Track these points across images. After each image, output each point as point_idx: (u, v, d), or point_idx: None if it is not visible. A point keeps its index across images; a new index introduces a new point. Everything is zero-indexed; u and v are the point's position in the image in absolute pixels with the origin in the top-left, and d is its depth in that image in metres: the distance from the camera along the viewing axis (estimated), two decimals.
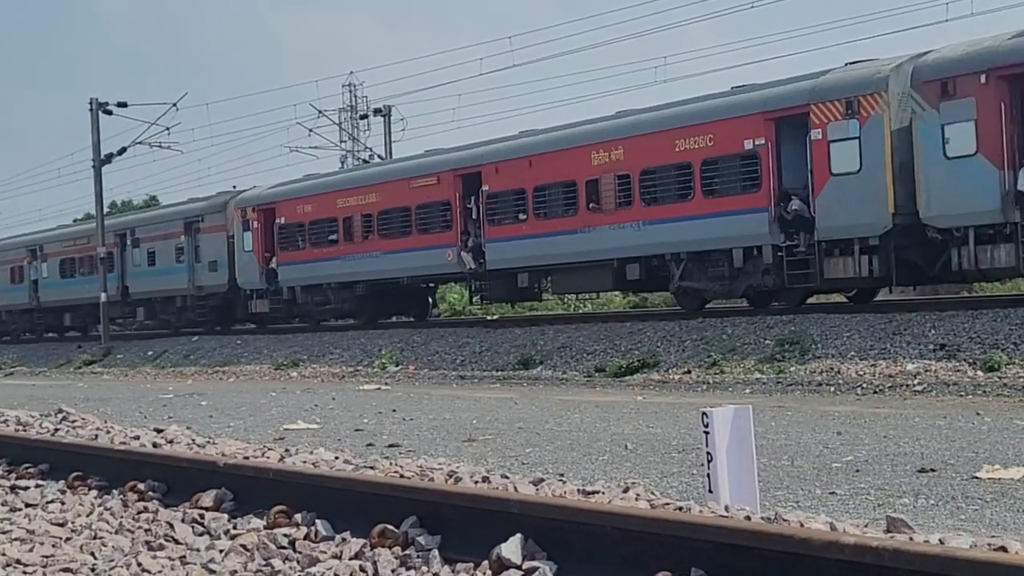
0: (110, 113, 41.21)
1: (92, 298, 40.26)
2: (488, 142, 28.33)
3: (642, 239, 23.64)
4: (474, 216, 27.68)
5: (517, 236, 26.25)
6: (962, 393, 15.80)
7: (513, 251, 26.36)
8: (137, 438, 9.87)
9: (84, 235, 43.58)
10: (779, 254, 21.18)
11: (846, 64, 21.42)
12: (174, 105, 40.68)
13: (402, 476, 6.97)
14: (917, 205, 19.38)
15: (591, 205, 24.47)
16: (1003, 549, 4.33)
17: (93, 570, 5.51)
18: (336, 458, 8.14)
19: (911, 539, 4.57)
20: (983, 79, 18.55)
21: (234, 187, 38.35)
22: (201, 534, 6.13)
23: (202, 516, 6.38)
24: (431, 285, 33.14)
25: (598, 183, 24.41)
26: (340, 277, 31.61)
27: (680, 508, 5.56)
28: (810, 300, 23.06)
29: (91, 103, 41.22)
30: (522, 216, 26.31)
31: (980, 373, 16.56)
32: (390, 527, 5.44)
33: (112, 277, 40.07)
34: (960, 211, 18.86)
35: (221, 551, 5.67)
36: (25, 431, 11.04)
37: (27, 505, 7.27)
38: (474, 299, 30.79)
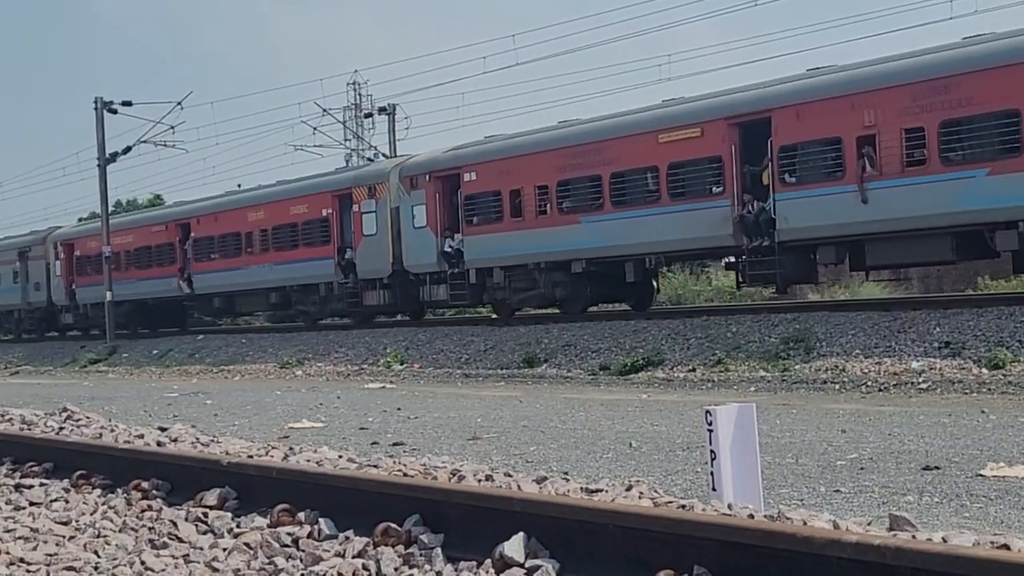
0: (115, 112, 41.23)
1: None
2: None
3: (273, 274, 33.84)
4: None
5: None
6: (967, 391, 15.78)
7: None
8: (141, 437, 9.89)
9: None
10: (342, 286, 31.63)
11: (381, 158, 30.82)
12: (179, 104, 40.78)
13: (405, 475, 6.97)
14: (403, 258, 29.42)
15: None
16: (1006, 547, 4.32)
17: (97, 568, 5.51)
18: (340, 457, 8.15)
19: (914, 537, 4.56)
20: (428, 178, 28.87)
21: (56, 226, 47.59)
22: (205, 533, 6.14)
23: (206, 515, 6.39)
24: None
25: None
26: (119, 297, 39.91)
27: (683, 506, 5.56)
28: (811, 298, 23.30)
29: (96, 102, 41.24)
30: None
31: (985, 371, 16.54)
32: (393, 525, 5.45)
33: None
34: (421, 263, 29.08)
35: (224, 550, 5.67)
36: (30, 430, 11.07)
37: (31, 504, 7.28)
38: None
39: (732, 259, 24.39)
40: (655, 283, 27.90)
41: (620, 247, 24.17)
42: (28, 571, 5.53)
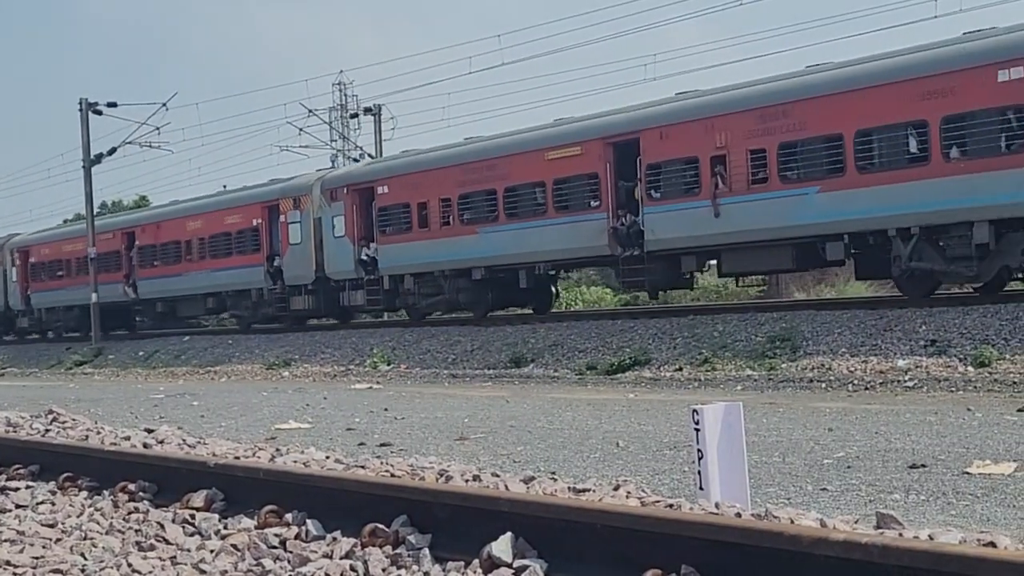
0: (100, 113, 41.16)
1: None
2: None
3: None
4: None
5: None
6: (953, 389, 15.83)
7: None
8: (128, 439, 9.86)
9: None
10: (271, 291, 33.50)
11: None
12: (164, 105, 40.77)
13: (393, 475, 6.97)
14: (325, 266, 31.30)
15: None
16: (992, 544, 4.34)
17: (83, 571, 5.49)
18: (327, 457, 8.14)
19: (901, 535, 4.58)
20: (346, 191, 30.81)
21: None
22: (192, 534, 6.12)
23: (193, 516, 6.38)
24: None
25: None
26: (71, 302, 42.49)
27: (670, 506, 5.57)
28: (798, 296, 23.52)
29: (81, 103, 41.15)
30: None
31: (971, 369, 16.60)
32: (381, 526, 5.44)
33: None
34: (340, 270, 30.94)
35: (212, 551, 5.66)
36: (15, 432, 11.03)
37: (17, 506, 7.26)
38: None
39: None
40: (554, 289, 30.05)
41: (513, 256, 26.24)
42: (14, 574, 5.51)
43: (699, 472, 6.53)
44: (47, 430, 11.15)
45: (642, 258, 23.55)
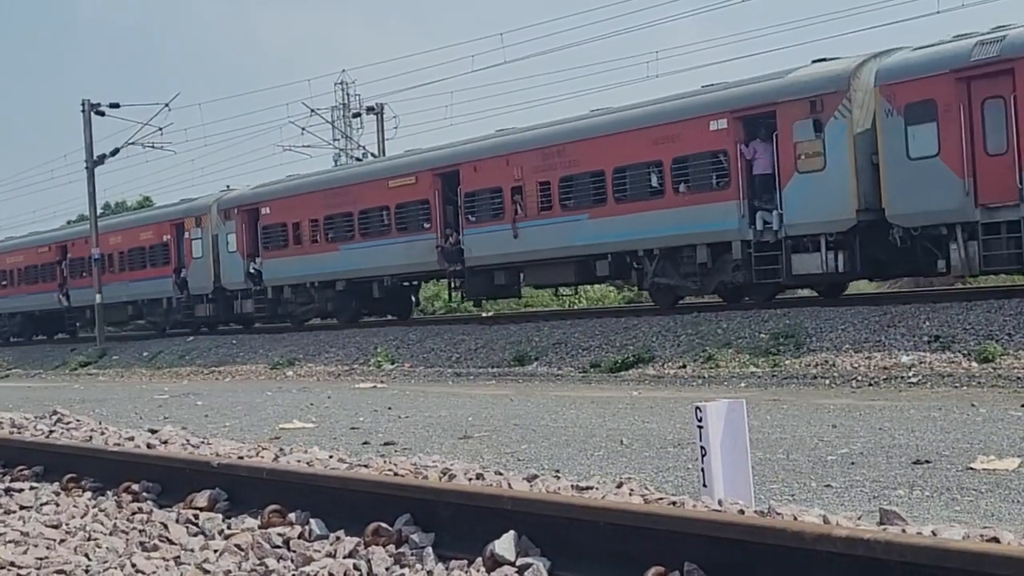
0: (102, 114, 41.13)
1: None
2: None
3: None
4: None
5: None
6: (957, 384, 15.81)
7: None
8: (132, 439, 9.88)
9: None
10: (179, 300, 37.15)
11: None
12: (166, 105, 40.78)
13: (396, 474, 6.97)
14: (221, 277, 35.09)
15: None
16: (996, 540, 4.33)
17: (87, 572, 5.50)
18: (330, 457, 8.14)
19: (904, 531, 4.57)
20: (237, 211, 34.26)
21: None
22: (195, 534, 6.13)
23: (196, 516, 6.38)
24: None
25: None
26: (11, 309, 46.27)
27: (673, 503, 5.56)
28: (801, 293, 23.64)
29: (83, 104, 41.13)
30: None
31: (975, 364, 16.57)
32: (384, 525, 5.45)
33: None
34: (233, 281, 34.48)
35: (215, 551, 5.66)
36: (20, 433, 11.04)
37: (21, 507, 7.27)
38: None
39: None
40: (413, 298, 34.08)
41: (367, 269, 30.30)
42: (19, 575, 5.52)
43: (702, 469, 6.53)
44: (51, 431, 11.16)
45: (464, 272, 27.98)
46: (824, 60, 21.44)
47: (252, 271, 33.92)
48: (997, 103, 18.27)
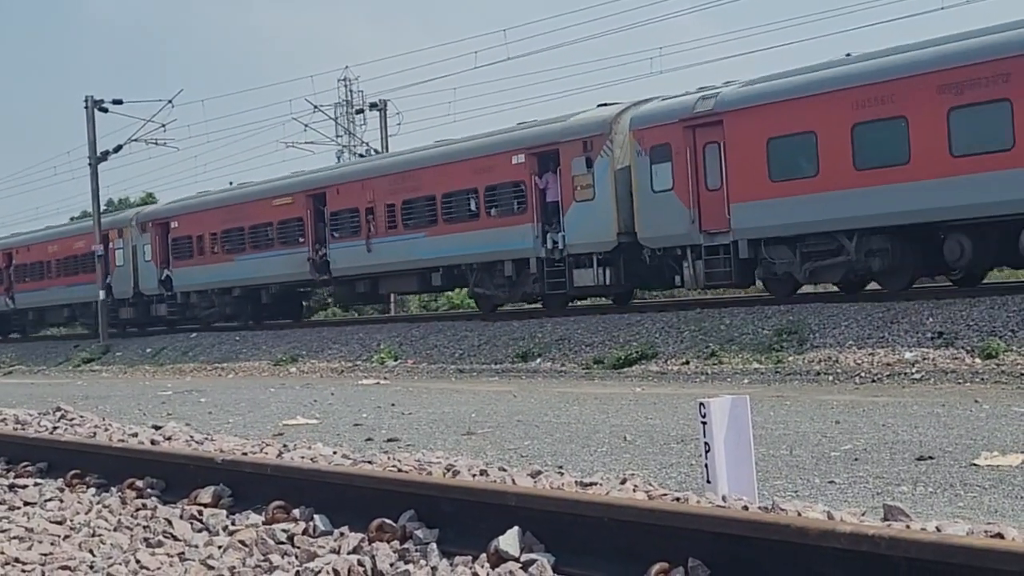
0: (106, 111, 41.09)
1: None
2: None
3: None
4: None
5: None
6: (960, 381, 15.81)
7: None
8: (135, 435, 9.88)
9: None
10: (105, 303, 39.84)
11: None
12: (169, 102, 40.81)
13: (400, 470, 6.97)
14: (139, 284, 38.74)
15: None
16: (999, 536, 4.33)
17: (92, 568, 5.51)
18: (334, 453, 8.15)
19: (908, 527, 4.57)
20: (151, 224, 38.21)
21: None
22: (199, 531, 6.14)
23: (200, 513, 6.39)
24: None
25: None
26: None
27: (677, 499, 5.56)
28: (806, 289, 23.64)
29: (86, 101, 41.12)
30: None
31: (978, 360, 16.56)
32: (388, 521, 5.45)
33: None
34: (149, 288, 38.42)
35: (220, 547, 5.67)
36: (24, 429, 11.06)
37: (26, 503, 7.28)
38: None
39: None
40: (303, 303, 38.49)
41: (256, 278, 34.15)
42: (23, 571, 5.52)
43: (706, 465, 6.52)
44: (55, 427, 11.18)
45: (331, 282, 32.04)
46: (605, 104, 25.38)
47: (164, 278, 37.72)
48: (714, 147, 22.09)
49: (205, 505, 6.55)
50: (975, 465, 8.76)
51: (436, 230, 27.89)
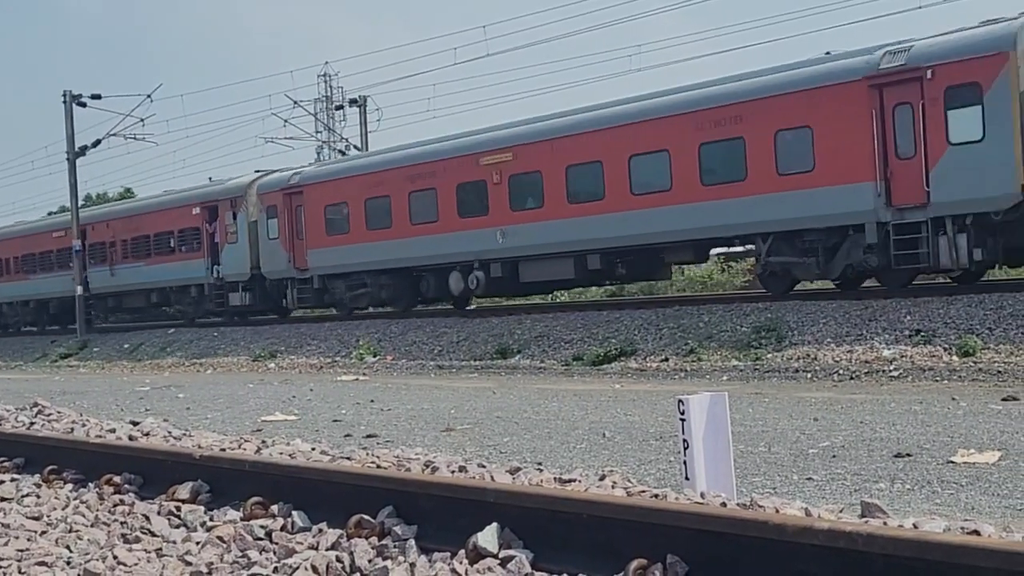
0: (84, 105, 40.98)
1: None
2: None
3: None
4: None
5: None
6: (938, 378, 15.89)
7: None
8: (113, 431, 9.84)
9: None
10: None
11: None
12: (148, 97, 40.76)
13: (379, 467, 6.96)
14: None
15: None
16: (976, 533, 4.36)
17: (69, 563, 5.48)
18: (313, 449, 8.14)
19: (885, 524, 4.59)
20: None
21: None
22: (177, 526, 6.12)
23: (178, 508, 6.37)
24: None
25: None
26: None
27: (656, 495, 5.58)
28: (810, 285, 24.01)
29: (65, 95, 40.98)
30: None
31: (955, 358, 16.65)
32: (367, 517, 5.44)
33: None
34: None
35: (197, 543, 5.65)
36: (0, 425, 10.99)
37: (2, 499, 7.24)
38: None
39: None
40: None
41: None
42: None
43: (685, 462, 6.54)
44: (32, 423, 11.11)
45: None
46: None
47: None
48: (300, 209, 31.80)
49: (183, 501, 6.53)
50: (952, 462, 8.81)
51: (151, 260, 37.61)
